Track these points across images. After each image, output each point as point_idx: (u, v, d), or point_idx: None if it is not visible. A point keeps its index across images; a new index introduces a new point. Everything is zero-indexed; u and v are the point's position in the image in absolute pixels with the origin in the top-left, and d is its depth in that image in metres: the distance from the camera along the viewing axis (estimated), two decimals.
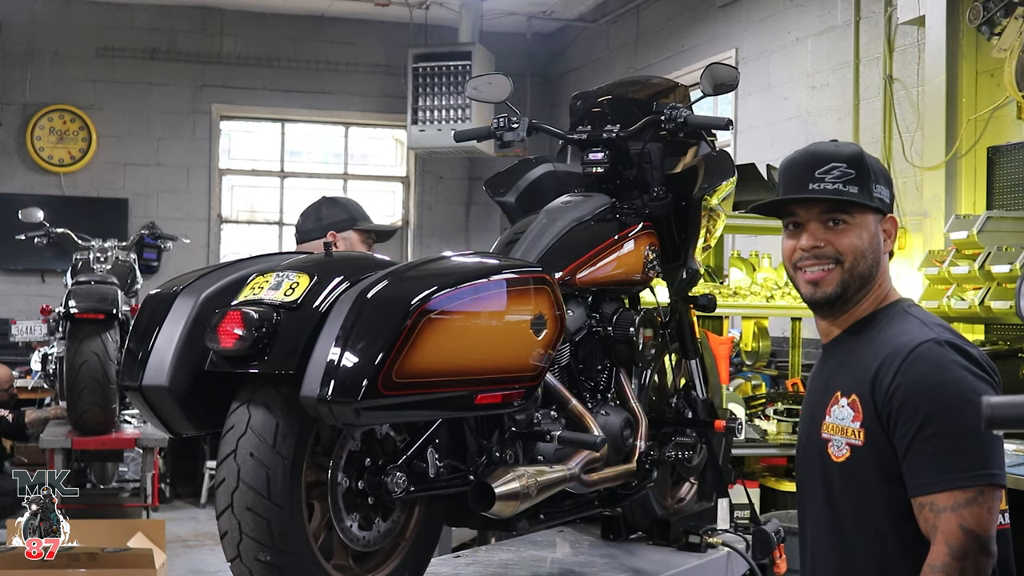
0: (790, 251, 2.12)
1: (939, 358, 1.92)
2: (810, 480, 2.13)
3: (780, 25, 7.07)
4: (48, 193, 9.53)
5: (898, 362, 1.94)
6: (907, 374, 1.92)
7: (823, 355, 2.19)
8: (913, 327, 1.99)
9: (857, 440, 1.99)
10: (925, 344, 1.94)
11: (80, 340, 5.99)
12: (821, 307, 2.10)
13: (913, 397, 1.91)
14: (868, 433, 1.97)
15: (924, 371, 1.91)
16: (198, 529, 7.31)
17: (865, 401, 1.98)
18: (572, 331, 2.91)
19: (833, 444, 2.04)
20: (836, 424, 2.03)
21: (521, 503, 2.50)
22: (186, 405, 2.30)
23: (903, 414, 1.92)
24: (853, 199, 2.03)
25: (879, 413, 1.95)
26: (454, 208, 10.75)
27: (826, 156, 2.07)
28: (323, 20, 10.20)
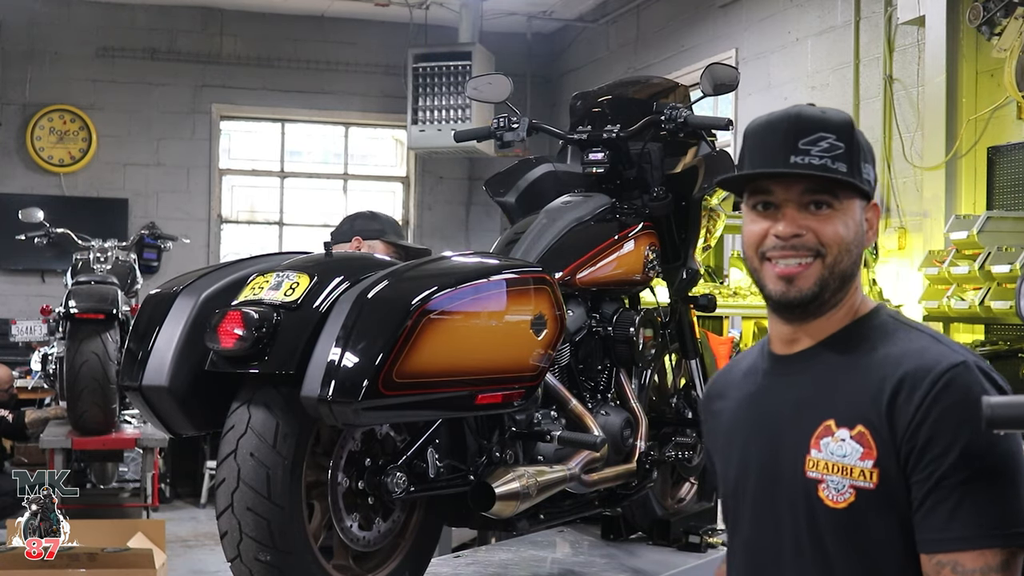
0: (758, 237, 1.68)
1: (974, 386, 1.54)
2: (778, 529, 1.66)
3: (780, 25, 7.07)
4: (48, 193, 9.52)
5: (925, 388, 1.55)
6: (938, 403, 1.53)
7: (778, 367, 1.73)
8: (929, 344, 1.61)
9: (867, 483, 1.56)
10: (956, 368, 1.55)
11: (80, 340, 5.99)
12: (792, 309, 1.67)
13: (944, 432, 1.53)
14: (883, 475, 1.56)
15: (957, 401, 1.53)
16: (198, 529, 7.31)
17: (879, 434, 1.57)
18: (572, 331, 2.91)
19: (828, 486, 1.60)
20: (833, 462, 1.60)
21: (521, 503, 2.50)
22: (186, 405, 2.30)
23: (929, 452, 1.53)
24: (846, 179, 1.64)
25: (898, 450, 1.55)
26: (454, 208, 10.75)
27: (813, 123, 1.66)
28: (323, 20, 10.20)
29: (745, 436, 1.73)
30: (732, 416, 1.77)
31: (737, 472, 1.73)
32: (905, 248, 5.71)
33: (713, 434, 1.85)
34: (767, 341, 1.77)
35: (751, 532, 1.71)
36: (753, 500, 1.70)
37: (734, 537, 1.77)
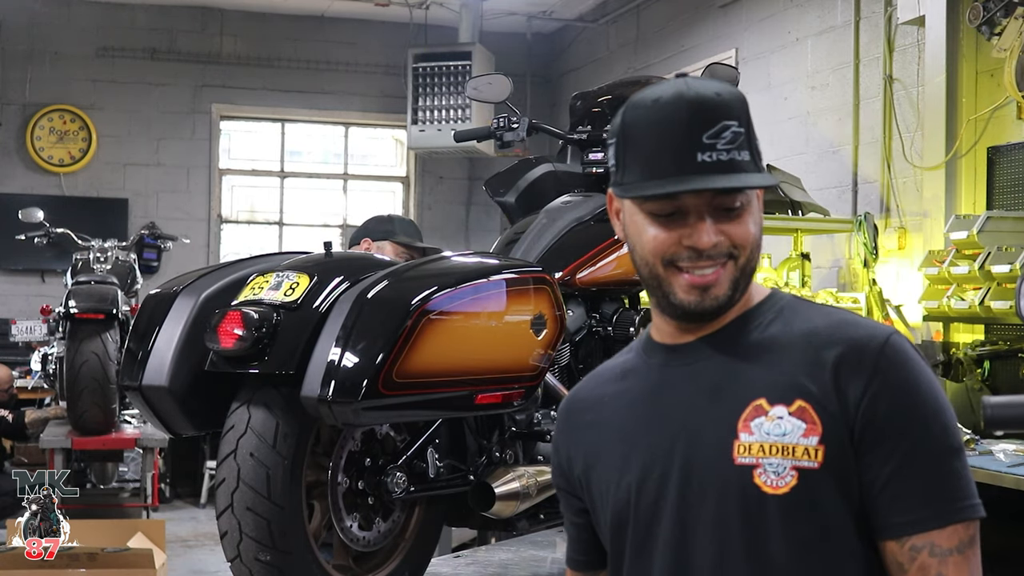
0: (664, 246, 1.47)
1: (915, 356, 1.44)
2: (706, 534, 1.44)
3: (780, 25, 7.07)
4: (48, 193, 9.52)
5: (871, 357, 1.41)
6: (890, 374, 1.41)
7: (674, 358, 1.53)
8: (852, 318, 1.49)
9: (812, 461, 1.40)
10: (894, 337, 1.44)
11: (80, 340, 5.99)
12: (704, 317, 1.50)
13: (904, 406, 1.40)
14: (829, 452, 1.40)
15: (909, 371, 1.42)
16: (198, 529, 7.31)
17: (824, 408, 1.41)
18: (572, 331, 2.91)
19: (766, 470, 1.41)
20: (771, 443, 1.41)
21: (521, 503, 2.50)
22: (186, 405, 2.30)
23: (891, 427, 1.40)
24: (763, 183, 1.47)
25: (851, 425, 1.40)
26: (454, 208, 10.75)
27: (714, 110, 1.44)
28: (323, 20, 10.19)
29: (647, 437, 1.50)
30: (620, 422, 1.54)
31: (640, 480, 1.49)
32: (905, 248, 5.71)
33: (589, 448, 1.58)
34: (646, 336, 1.58)
35: (671, 546, 1.47)
36: (676, 506, 1.46)
37: (638, 560, 1.50)
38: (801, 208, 5.51)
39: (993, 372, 4.69)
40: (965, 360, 4.71)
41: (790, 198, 5.48)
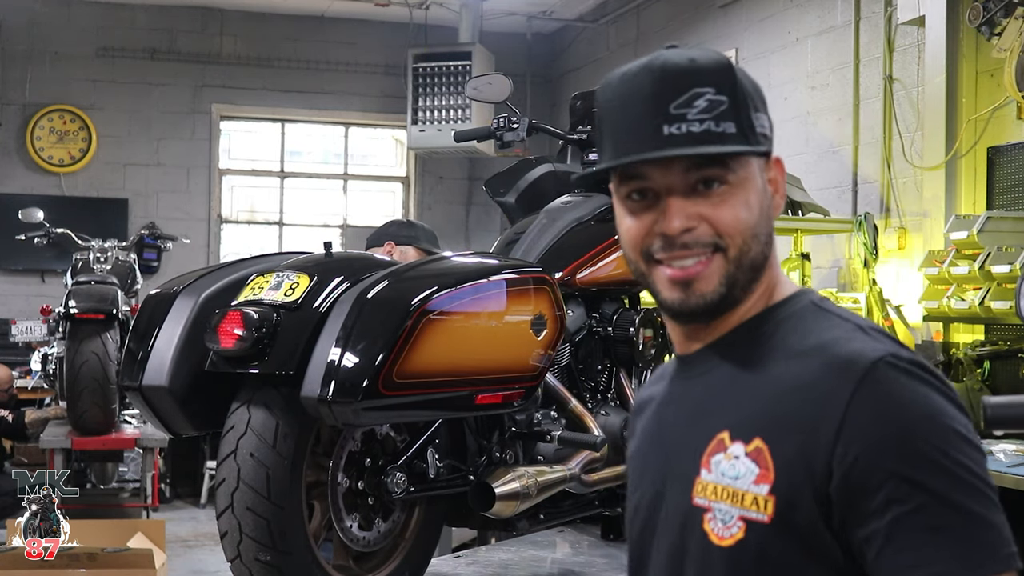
0: (638, 236, 1.29)
1: (907, 384, 1.15)
2: (655, 563, 1.29)
3: (780, 25, 7.07)
4: (48, 193, 9.52)
5: (845, 394, 1.14)
6: (867, 413, 1.13)
7: (681, 369, 1.36)
8: (847, 334, 1.21)
9: (761, 514, 1.15)
10: (879, 365, 1.15)
11: (80, 340, 5.99)
12: (696, 317, 1.30)
13: (890, 451, 1.11)
14: (781, 504, 1.15)
15: (898, 406, 1.13)
16: (198, 529, 7.31)
17: (781, 452, 1.16)
18: (572, 331, 2.91)
19: (715, 517, 1.20)
20: (723, 485, 1.20)
21: (521, 503, 2.50)
22: (186, 405, 2.31)
23: (874, 479, 1.11)
24: (737, 148, 1.26)
25: (813, 475, 1.14)
26: (454, 208, 10.75)
27: (682, 77, 1.27)
28: (323, 20, 10.19)
29: (651, 455, 1.35)
30: (641, 433, 1.41)
31: (636, 504, 1.35)
32: (905, 248, 5.71)
33: (629, 458, 1.45)
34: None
35: (637, 562, 1.33)
36: (657, 534, 1.30)
37: (634, 566, 1.36)
38: (801, 208, 5.52)
39: (993, 372, 4.69)
40: (965, 360, 4.71)
41: (790, 198, 5.48)
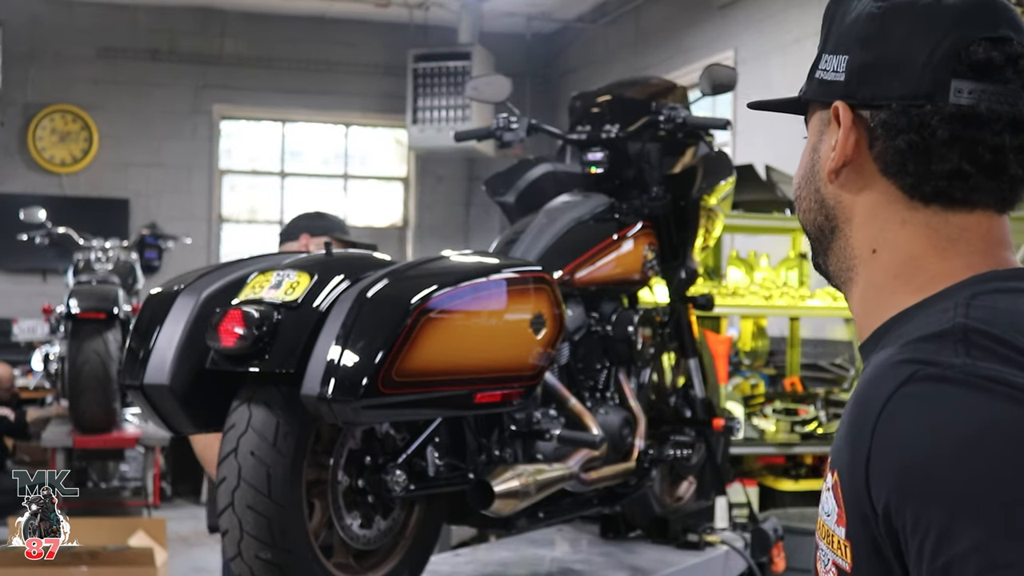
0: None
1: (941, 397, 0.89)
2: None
3: (779, 26, 7.08)
4: (49, 193, 9.54)
5: (867, 430, 0.92)
6: (890, 444, 0.90)
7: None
8: (894, 351, 0.95)
9: (843, 560, 0.97)
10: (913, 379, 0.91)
11: (82, 339, 6.01)
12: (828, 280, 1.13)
13: (914, 490, 0.89)
14: (856, 553, 0.95)
15: (925, 430, 0.89)
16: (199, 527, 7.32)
17: (851, 490, 0.95)
18: (571, 330, 2.92)
19: (821, 556, 1.02)
20: (822, 521, 1.01)
21: (520, 502, 2.51)
22: (187, 404, 2.31)
23: (904, 517, 0.89)
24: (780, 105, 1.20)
25: (865, 519, 0.94)
26: (454, 208, 10.76)
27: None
28: (323, 21, 10.21)
29: None
30: None
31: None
32: None
33: None
34: None
35: None
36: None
37: None
38: None
39: None
40: None
41: (788, 198, 5.50)
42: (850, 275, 1.07)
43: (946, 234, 1.01)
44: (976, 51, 0.98)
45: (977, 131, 0.98)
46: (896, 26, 1.02)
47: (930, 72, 0.99)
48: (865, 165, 1.04)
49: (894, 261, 1.02)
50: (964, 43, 0.99)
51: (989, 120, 0.98)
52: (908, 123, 1.00)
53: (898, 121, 1.00)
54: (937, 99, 0.98)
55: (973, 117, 0.98)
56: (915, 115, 0.99)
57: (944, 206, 1.01)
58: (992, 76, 0.98)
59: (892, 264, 1.02)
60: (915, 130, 0.99)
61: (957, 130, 0.98)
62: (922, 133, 0.99)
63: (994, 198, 1.01)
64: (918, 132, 0.99)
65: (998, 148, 0.98)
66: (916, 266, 1.01)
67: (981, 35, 0.99)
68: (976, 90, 0.98)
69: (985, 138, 0.98)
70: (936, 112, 0.98)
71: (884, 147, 1.02)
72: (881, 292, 1.03)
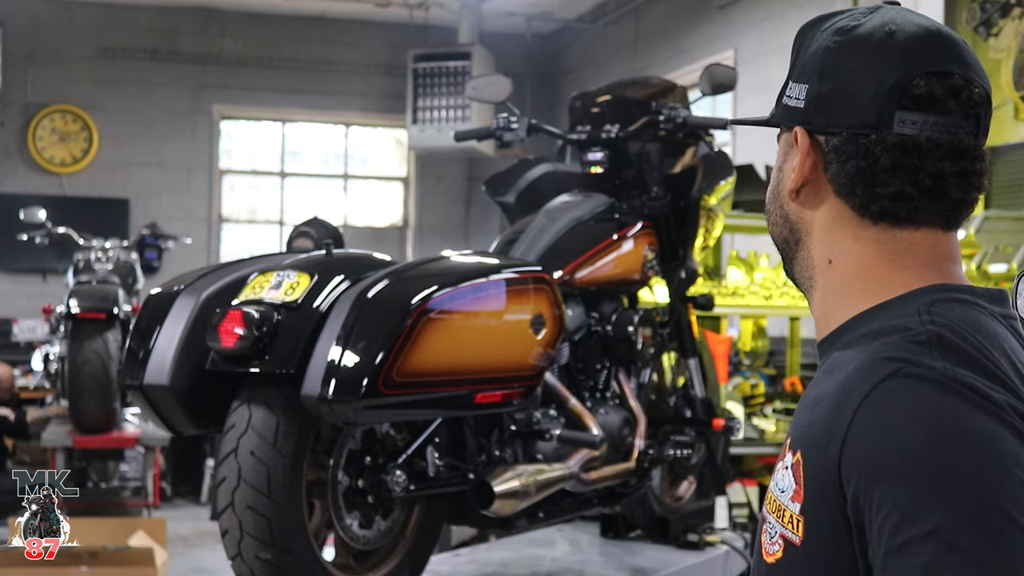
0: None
1: (921, 394, 0.96)
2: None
3: (779, 26, 7.08)
4: (49, 193, 9.54)
5: (852, 407, 0.98)
6: (867, 431, 0.97)
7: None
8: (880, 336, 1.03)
9: (794, 535, 1.02)
10: (897, 374, 0.98)
11: (82, 339, 6.01)
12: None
13: (884, 475, 0.94)
14: (810, 529, 1.01)
15: (902, 422, 0.95)
16: (199, 527, 7.32)
17: (814, 470, 1.01)
18: (571, 330, 2.92)
19: (767, 529, 1.07)
20: (775, 496, 1.07)
21: (520, 502, 2.51)
22: (187, 404, 2.31)
23: (872, 497, 0.95)
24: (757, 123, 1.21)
25: (827, 498, 0.99)
26: (454, 208, 10.76)
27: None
28: (323, 21, 10.21)
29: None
30: None
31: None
32: None
33: None
34: None
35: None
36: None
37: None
38: None
39: None
40: None
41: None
42: (811, 283, 1.16)
43: (894, 248, 1.10)
44: (919, 84, 1.06)
45: (918, 159, 1.06)
46: (849, 60, 1.10)
47: (876, 104, 1.07)
48: (822, 185, 1.12)
49: (848, 271, 1.12)
50: (909, 77, 1.06)
51: (930, 148, 1.06)
52: (856, 150, 1.08)
53: (847, 148, 1.08)
54: (882, 129, 1.07)
55: (914, 146, 1.06)
56: (862, 143, 1.08)
57: (891, 224, 1.09)
58: (935, 108, 1.06)
59: (847, 274, 1.12)
60: (862, 156, 1.08)
61: (899, 158, 1.06)
62: (868, 159, 1.08)
63: (939, 217, 1.09)
64: (864, 159, 1.08)
65: (938, 174, 1.06)
66: (869, 275, 1.10)
67: (925, 70, 1.07)
68: (919, 121, 1.06)
69: (926, 165, 1.06)
70: (880, 141, 1.07)
71: (836, 170, 1.10)
72: (839, 297, 1.12)
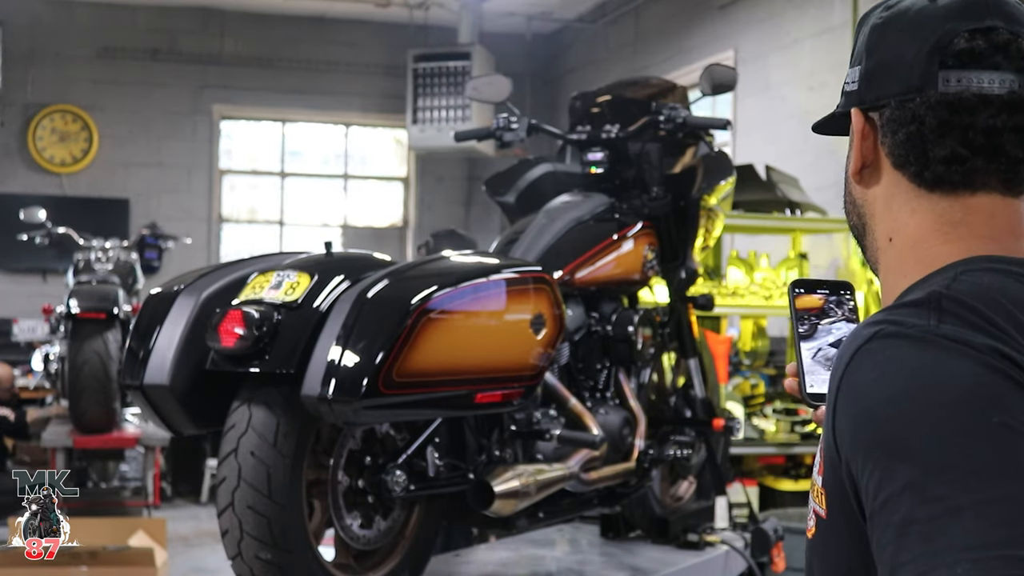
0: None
1: (896, 349, 0.95)
2: None
3: (778, 26, 7.08)
4: (49, 193, 9.54)
5: (838, 373, 0.99)
6: (848, 392, 0.97)
7: None
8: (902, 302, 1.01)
9: (820, 508, 1.03)
10: (877, 335, 0.97)
11: (82, 340, 6.01)
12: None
13: (862, 434, 0.94)
14: (830, 497, 1.01)
15: (876, 379, 0.95)
16: (199, 527, 7.32)
17: (824, 438, 1.02)
18: (571, 330, 2.92)
19: (809, 507, 1.08)
20: (813, 475, 1.08)
21: (520, 502, 2.51)
22: (187, 404, 2.31)
23: (856, 467, 0.95)
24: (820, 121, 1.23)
25: (835, 464, 0.99)
26: (454, 208, 10.76)
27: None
28: (323, 21, 10.21)
29: None
30: None
31: None
32: None
33: None
34: None
35: None
36: None
37: None
38: (799, 208, 5.53)
39: None
40: None
41: (788, 198, 5.50)
42: (877, 265, 1.13)
43: (949, 219, 1.05)
44: (960, 42, 1.03)
45: (968, 116, 1.02)
46: (893, 31, 1.08)
47: (919, 67, 1.04)
48: (881, 163, 1.10)
49: (904, 247, 1.08)
50: (949, 36, 1.03)
51: (978, 104, 1.02)
52: (904, 117, 1.06)
53: (897, 116, 1.06)
54: (927, 90, 1.04)
55: (960, 103, 1.02)
56: (909, 108, 1.05)
57: (947, 192, 1.05)
58: (980, 63, 1.03)
59: (904, 250, 1.08)
60: (910, 122, 1.05)
61: (946, 116, 1.03)
62: (916, 124, 1.05)
63: (996, 180, 1.04)
64: (913, 123, 1.05)
65: (991, 130, 1.02)
66: (921, 250, 1.06)
67: (966, 27, 1.03)
68: (964, 78, 1.03)
69: (976, 122, 1.02)
70: (925, 102, 1.04)
71: (891, 142, 1.08)
72: (895, 275, 1.09)
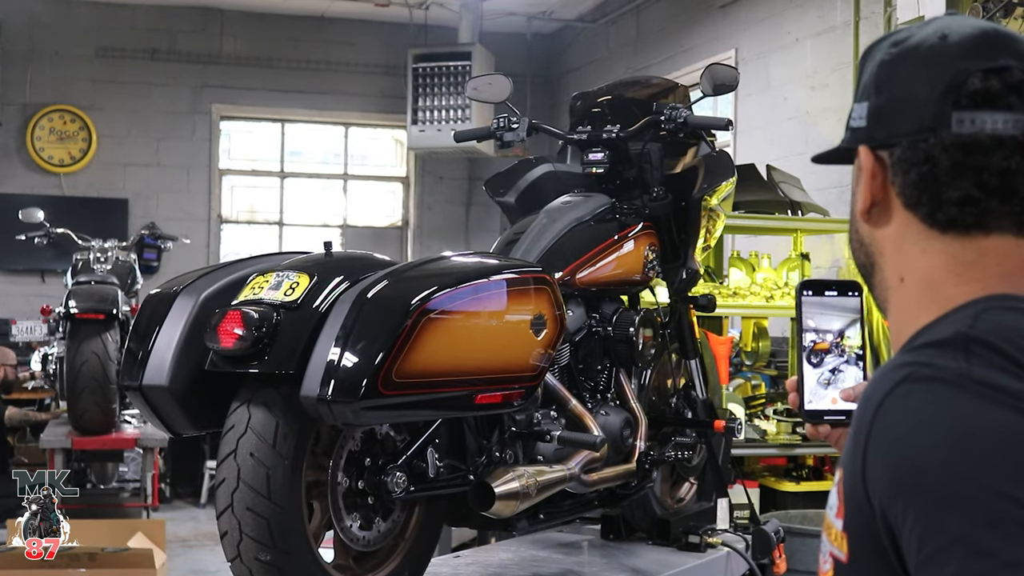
0: None
1: (929, 396, 0.93)
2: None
3: (779, 25, 7.07)
4: (48, 193, 9.53)
5: (868, 418, 0.97)
6: (882, 441, 0.94)
7: None
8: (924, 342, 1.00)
9: (840, 551, 1.01)
10: (906, 379, 0.95)
11: (80, 340, 6.00)
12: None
13: (903, 485, 0.92)
14: (853, 546, 0.99)
15: (911, 428, 0.93)
16: (198, 529, 7.31)
17: (848, 483, 0.99)
18: (572, 331, 2.91)
19: (822, 548, 1.06)
20: (826, 515, 1.05)
21: (521, 503, 2.50)
22: (186, 405, 2.30)
23: (896, 511, 0.92)
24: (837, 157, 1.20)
25: (862, 511, 0.97)
26: (454, 208, 10.75)
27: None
28: (323, 20, 10.20)
29: None
30: None
31: None
32: None
33: None
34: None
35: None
36: None
37: None
38: (801, 208, 5.52)
39: None
40: None
41: (790, 198, 5.49)
42: (886, 305, 1.13)
43: (962, 259, 1.05)
44: (974, 82, 1.02)
45: (981, 158, 1.01)
46: (904, 69, 1.07)
47: (932, 106, 1.03)
48: (891, 202, 1.09)
49: (917, 288, 1.07)
50: (963, 75, 1.03)
51: (992, 146, 1.01)
52: (916, 157, 1.04)
53: (908, 156, 1.05)
54: (940, 131, 1.03)
55: (975, 145, 1.02)
56: (921, 149, 1.04)
57: (960, 233, 1.04)
58: (994, 104, 1.02)
59: (916, 290, 1.07)
60: (923, 162, 1.04)
61: (960, 158, 1.02)
62: (929, 164, 1.04)
63: (1010, 222, 1.04)
64: (926, 164, 1.04)
65: (1005, 172, 1.02)
66: (936, 290, 1.05)
67: (980, 67, 1.02)
68: (978, 119, 1.02)
69: (990, 163, 1.01)
70: (939, 143, 1.03)
71: (901, 182, 1.07)
72: (907, 315, 1.08)
